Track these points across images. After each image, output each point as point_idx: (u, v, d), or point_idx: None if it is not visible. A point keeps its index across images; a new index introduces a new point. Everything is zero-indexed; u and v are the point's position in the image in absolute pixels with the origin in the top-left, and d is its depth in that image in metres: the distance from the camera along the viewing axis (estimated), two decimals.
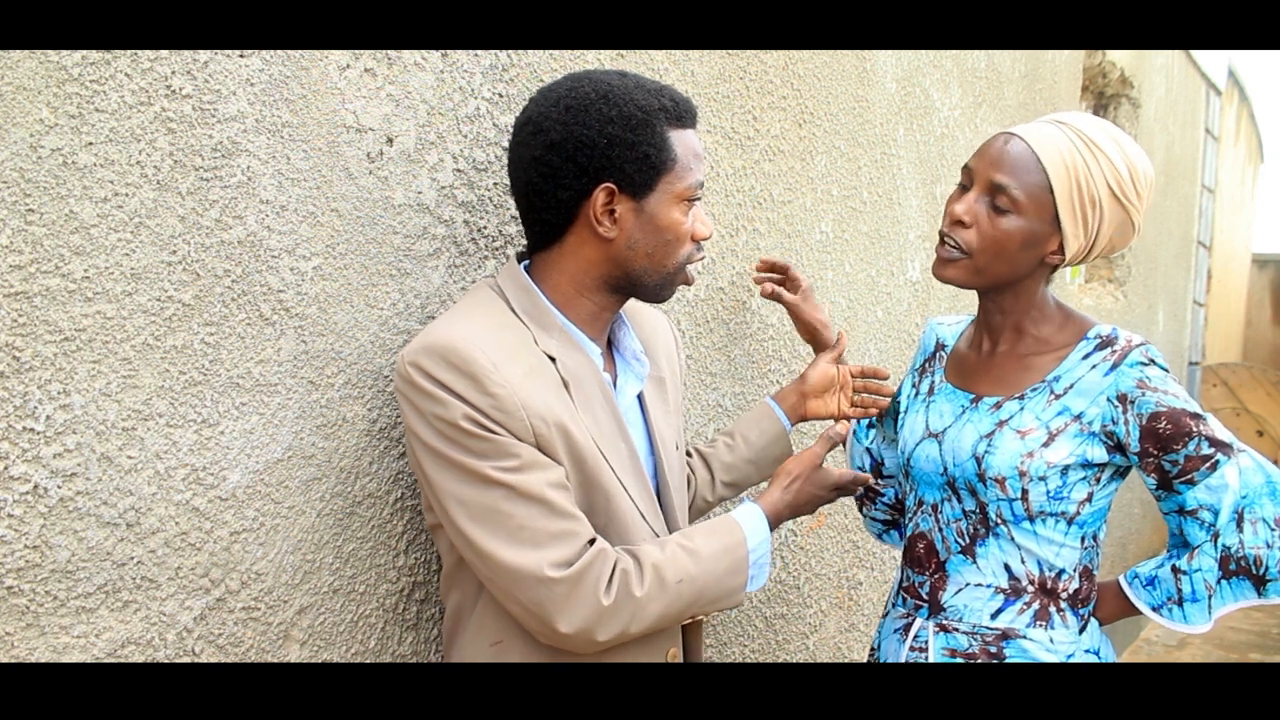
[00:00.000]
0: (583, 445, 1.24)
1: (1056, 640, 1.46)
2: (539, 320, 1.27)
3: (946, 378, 1.59)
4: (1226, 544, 1.39)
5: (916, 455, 1.55)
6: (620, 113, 1.22)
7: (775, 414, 1.71)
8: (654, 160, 1.24)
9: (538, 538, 1.17)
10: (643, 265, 1.28)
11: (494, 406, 1.17)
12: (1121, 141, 1.44)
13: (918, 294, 2.82)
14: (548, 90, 1.27)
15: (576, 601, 1.17)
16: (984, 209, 1.42)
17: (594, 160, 1.22)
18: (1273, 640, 5.33)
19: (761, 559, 1.33)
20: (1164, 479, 1.42)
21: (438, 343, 1.18)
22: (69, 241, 1.01)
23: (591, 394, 1.28)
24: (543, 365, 1.24)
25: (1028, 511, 1.44)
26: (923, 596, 1.53)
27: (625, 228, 1.26)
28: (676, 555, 1.24)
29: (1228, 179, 7.69)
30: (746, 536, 1.31)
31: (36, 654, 1.02)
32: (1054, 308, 1.53)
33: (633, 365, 1.38)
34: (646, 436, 1.40)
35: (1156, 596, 1.46)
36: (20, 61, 0.96)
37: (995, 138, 1.46)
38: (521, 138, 1.26)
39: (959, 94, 2.93)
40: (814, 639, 2.46)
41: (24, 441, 0.99)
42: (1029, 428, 1.44)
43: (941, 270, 1.47)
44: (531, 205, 1.27)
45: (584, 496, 1.25)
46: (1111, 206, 1.42)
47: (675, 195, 1.26)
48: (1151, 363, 1.43)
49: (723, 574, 1.28)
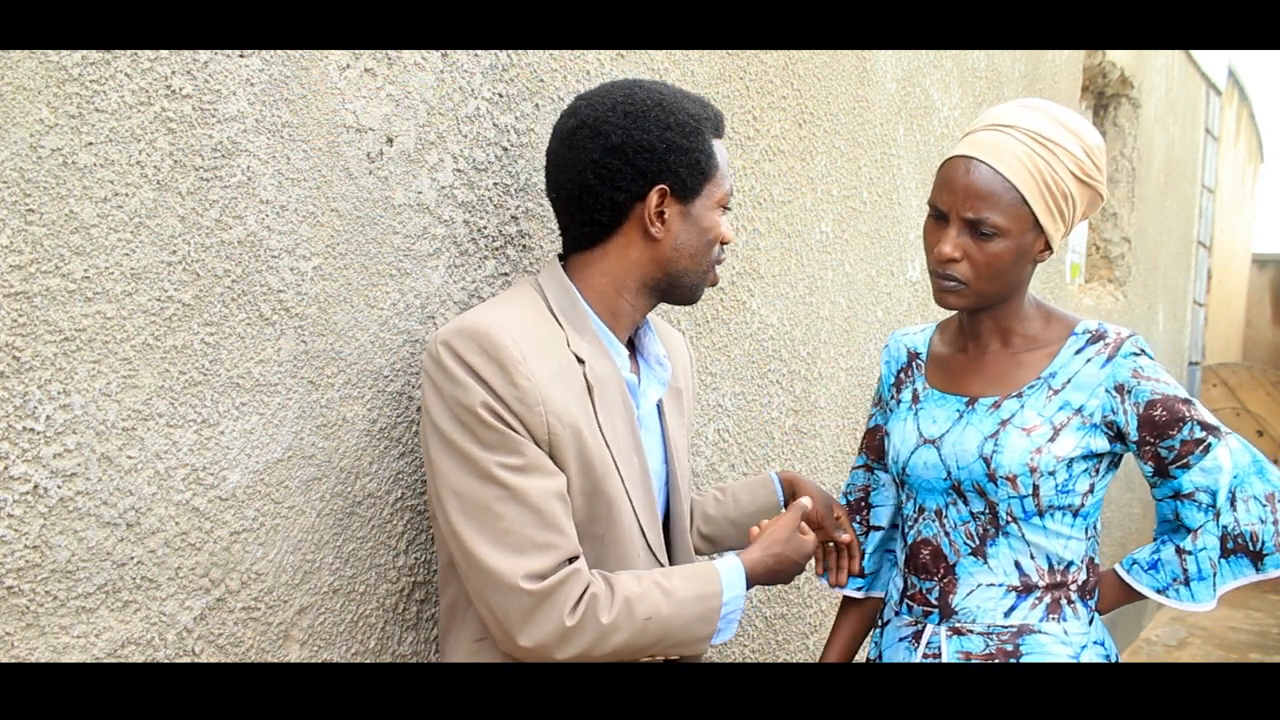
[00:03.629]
0: (594, 452, 1.25)
1: (1070, 632, 1.47)
2: (575, 322, 1.30)
3: (930, 384, 1.59)
4: (1224, 523, 1.43)
5: (913, 463, 1.54)
6: (676, 120, 1.28)
7: (773, 488, 1.67)
8: (703, 166, 1.30)
9: (521, 544, 1.18)
10: (685, 266, 1.33)
11: (516, 398, 1.19)
12: (1068, 123, 1.44)
13: (918, 294, 2.82)
14: (598, 96, 1.31)
15: (540, 617, 1.18)
16: (969, 240, 1.43)
17: (652, 164, 1.27)
18: (1273, 640, 5.33)
19: (733, 614, 1.31)
20: (1160, 465, 1.45)
21: (472, 326, 1.21)
22: (69, 241, 1.01)
23: (614, 403, 1.30)
24: (570, 367, 1.26)
25: (1038, 507, 1.45)
26: (931, 602, 1.53)
27: (672, 229, 1.31)
28: (650, 591, 1.24)
29: (1228, 179, 7.69)
30: (723, 589, 1.29)
31: (36, 654, 1.02)
32: (1034, 304, 1.55)
33: (655, 370, 1.41)
34: (662, 444, 1.42)
35: (1160, 579, 1.48)
36: (20, 61, 0.96)
37: (954, 166, 1.44)
38: (575, 141, 1.29)
39: (959, 94, 2.93)
40: (814, 639, 2.46)
41: (24, 441, 0.99)
42: (1033, 424, 1.45)
43: (944, 300, 1.48)
44: (584, 206, 1.30)
45: (587, 503, 1.26)
46: (1080, 190, 1.45)
47: (716, 200, 1.33)
48: (1142, 353, 1.47)
49: (692, 620, 1.26)
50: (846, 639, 1.71)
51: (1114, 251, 4.75)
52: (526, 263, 1.55)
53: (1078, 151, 1.43)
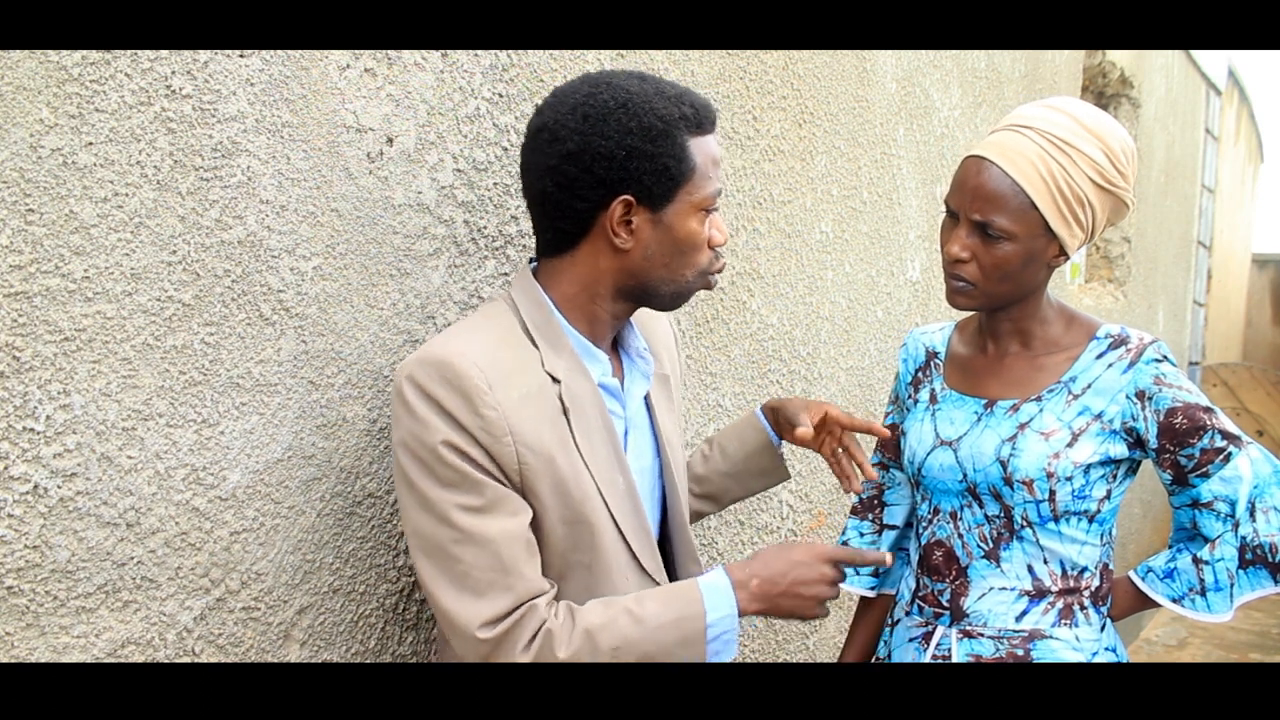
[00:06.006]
0: (570, 478, 1.21)
1: (1082, 638, 1.46)
2: (550, 339, 1.25)
3: (948, 384, 1.58)
4: (1242, 533, 1.41)
5: (929, 464, 1.53)
6: (640, 124, 1.19)
7: (760, 424, 1.58)
8: (673, 172, 1.21)
9: (479, 587, 1.15)
10: (659, 275, 1.25)
11: (482, 428, 1.15)
12: (1093, 126, 1.40)
13: (918, 294, 2.82)
14: (564, 94, 1.23)
15: (496, 657, 1.15)
16: (977, 241, 1.42)
17: (612, 172, 1.19)
18: (1273, 640, 5.33)
19: (726, 635, 1.21)
20: (1179, 473, 1.43)
21: (435, 357, 1.17)
22: (69, 241, 1.01)
23: (592, 422, 1.25)
24: (543, 390, 1.21)
25: (1054, 512, 1.44)
26: (943, 604, 1.52)
27: (642, 239, 1.23)
28: (618, 620, 1.17)
29: (1228, 179, 7.69)
30: (706, 610, 1.19)
31: (36, 654, 1.02)
32: (1055, 307, 1.53)
33: (638, 363, 1.36)
34: (653, 439, 1.38)
35: (1177, 588, 1.46)
36: (20, 61, 0.96)
37: (967, 166, 1.44)
38: (536, 144, 1.22)
39: (959, 94, 2.93)
40: (814, 639, 2.46)
41: (24, 441, 0.99)
42: (1052, 429, 1.44)
43: (955, 300, 1.48)
44: (545, 213, 1.24)
45: (569, 531, 1.22)
46: (1099, 197, 1.41)
47: (693, 205, 1.23)
48: (1165, 359, 1.45)
49: (671, 645, 1.18)
50: (864, 640, 1.71)
51: (1114, 251, 4.76)
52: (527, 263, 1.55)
53: (1097, 156, 1.39)
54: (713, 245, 1.27)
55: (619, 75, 1.24)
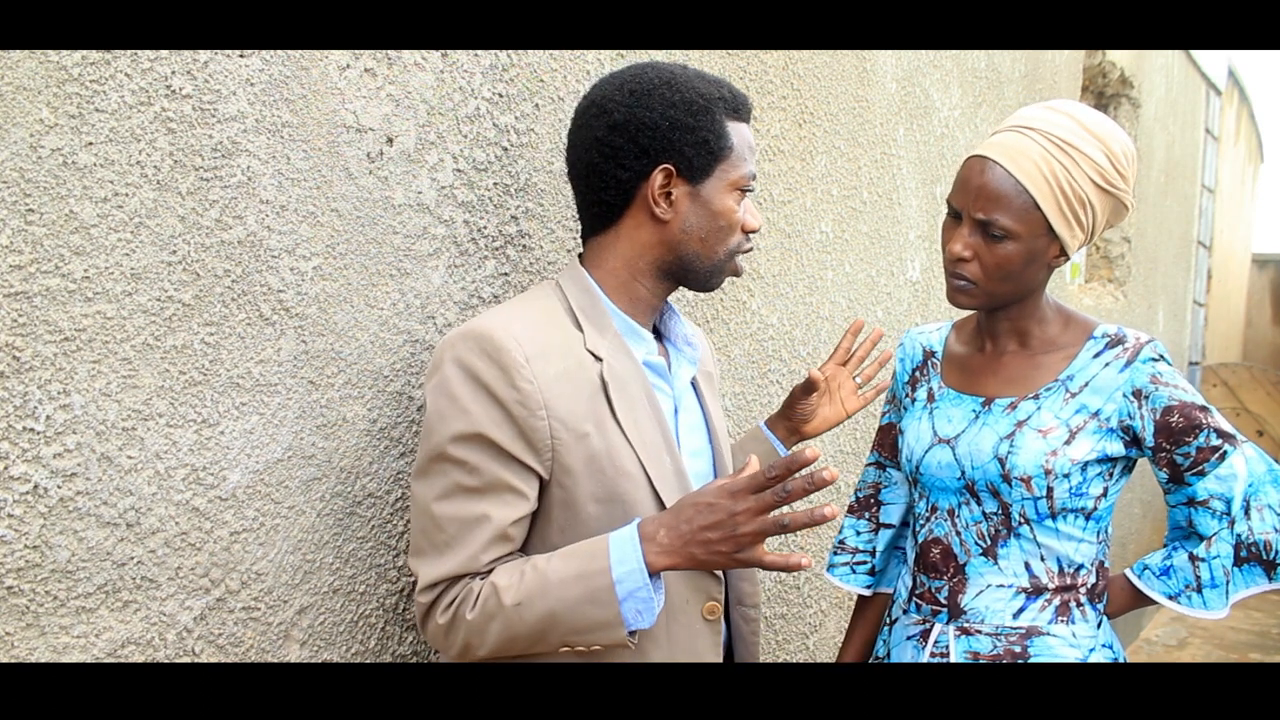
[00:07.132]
0: (603, 455, 1.21)
1: (1079, 635, 1.47)
2: (594, 320, 1.28)
3: (946, 383, 1.59)
4: (1238, 531, 1.42)
5: (926, 462, 1.54)
6: (682, 98, 1.25)
7: (764, 435, 1.62)
8: (712, 146, 1.26)
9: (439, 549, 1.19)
10: (695, 250, 1.29)
11: (518, 401, 1.17)
12: (1093, 129, 1.42)
13: (918, 294, 2.82)
14: (612, 76, 1.30)
15: (424, 623, 1.22)
16: (979, 240, 1.43)
17: (655, 142, 1.25)
18: (1273, 640, 5.34)
19: (638, 590, 1.12)
20: (1175, 472, 1.45)
21: (477, 330, 1.20)
22: (69, 241, 1.01)
23: (637, 401, 1.27)
24: (583, 367, 1.24)
25: (1051, 509, 1.45)
26: (940, 601, 1.53)
27: (680, 211, 1.28)
28: (525, 576, 1.15)
29: (1228, 179, 7.69)
30: (612, 564, 1.12)
31: (36, 654, 1.02)
32: (1053, 307, 1.54)
33: (684, 350, 1.39)
34: (704, 420, 1.40)
35: (1173, 585, 1.47)
36: (20, 61, 0.96)
37: (970, 166, 1.45)
38: (584, 120, 1.29)
39: (959, 94, 2.93)
40: (814, 639, 2.46)
41: (24, 441, 0.99)
42: (1049, 426, 1.45)
43: (956, 299, 1.49)
44: (591, 185, 1.29)
45: (602, 511, 1.22)
46: (1100, 198, 1.43)
47: (730, 183, 1.29)
48: (1161, 358, 1.47)
49: (576, 602, 1.12)
50: (862, 638, 1.72)
51: (1114, 251, 4.76)
52: (526, 263, 1.55)
53: (1099, 158, 1.41)
54: (746, 229, 1.32)
55: (665, 63, 1.31)
